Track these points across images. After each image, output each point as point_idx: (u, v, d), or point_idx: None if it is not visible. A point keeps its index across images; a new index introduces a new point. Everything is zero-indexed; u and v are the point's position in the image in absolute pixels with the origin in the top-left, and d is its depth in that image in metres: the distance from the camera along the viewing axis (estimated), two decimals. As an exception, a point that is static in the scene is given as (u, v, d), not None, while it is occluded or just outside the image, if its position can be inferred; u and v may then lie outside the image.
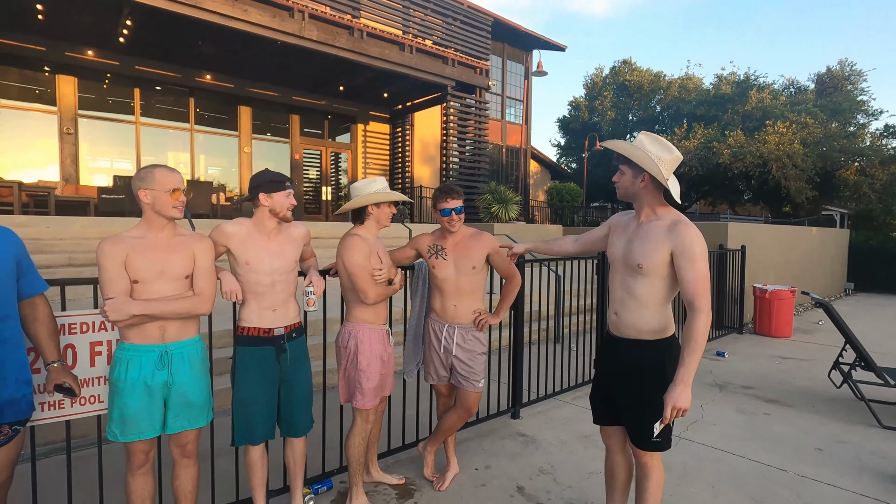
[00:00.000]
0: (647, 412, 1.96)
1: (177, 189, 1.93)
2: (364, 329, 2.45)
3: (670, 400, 1.81)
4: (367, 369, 2.43)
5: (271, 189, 2.17)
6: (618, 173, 2.04)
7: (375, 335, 2.48)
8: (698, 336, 1.80)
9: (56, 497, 2.43)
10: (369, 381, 2.43)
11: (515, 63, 17.24)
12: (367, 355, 2.43)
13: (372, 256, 2.43)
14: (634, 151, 1.94)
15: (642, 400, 1.99)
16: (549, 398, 4.26)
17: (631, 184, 1.99)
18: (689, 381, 1.81)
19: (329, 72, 10.62)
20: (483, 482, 2.87)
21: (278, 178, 2.20)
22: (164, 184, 1.91)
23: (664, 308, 1.99)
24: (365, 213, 2.47)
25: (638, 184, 1.97)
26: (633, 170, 1.97)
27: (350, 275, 2.39)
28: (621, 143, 1.97)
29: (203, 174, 11.48)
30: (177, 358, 1.97)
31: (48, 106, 9.41)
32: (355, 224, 2.52)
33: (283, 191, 2.18)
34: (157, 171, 1.92)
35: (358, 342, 2.43)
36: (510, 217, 11.17)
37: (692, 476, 2.96)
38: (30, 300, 1.81)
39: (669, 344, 2.01)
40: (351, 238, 2.42)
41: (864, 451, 3.33)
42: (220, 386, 3.41)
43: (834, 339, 6.62)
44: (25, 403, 1.76)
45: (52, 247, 6.22)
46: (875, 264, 12.47)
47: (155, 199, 1.90)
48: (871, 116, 16.94)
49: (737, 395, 4.48)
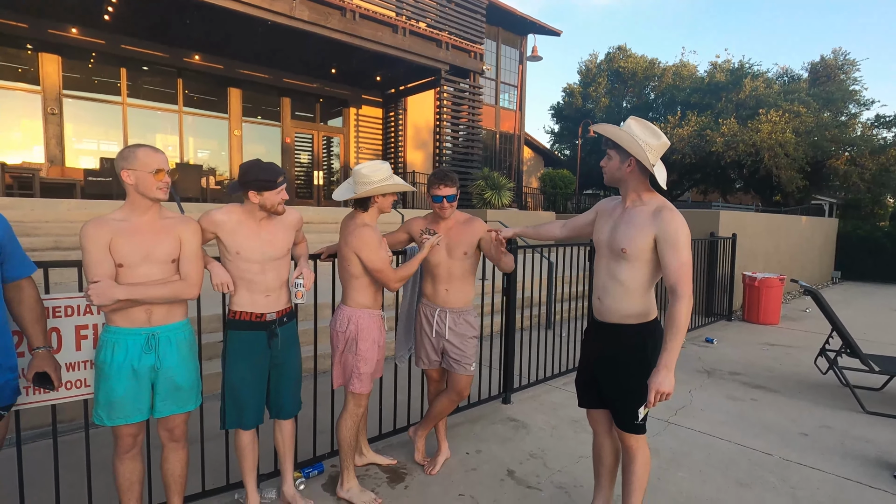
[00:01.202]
0: (631, 396, 1.99)
1: (160, 170, 1.87)
2: (364, 314, 2.43)
3: (654, 385, 1.82)
4: (367, 355, 2.41)
5: (261, 188, 2.08)
6: (605, 158, 2.03)
7: (374, 321, 2.45)
8: (680, 322, 1.81)
9: (43, 481, 2.40)
10: (367, 367, 2.42)
11: (510, 48, 17.06)
12: (367, 341, 2.41)
13: (383, 244, 2.41)
14: (622, 136, 1.92)
15: (626, 384, 2.02)
16: (540, 383, 4.29)
17: (617, 168, 1.98)
18: (672, 366, 1.83)
19: (321, 54, 10.43)
20: (474, 466, 2.89)
21: (269, 177, 2.07)
22: (147, 164, 1.85)
23: (647, 293, 2.01)
24: (370, 200, 2.41)
25: (624, 168, 1.96)
26: (620, 154, 1.96)
27: (371, 269, 2.35)
28: (610, 127, 1.96)
29: (192, 157, 11.30)
30: (164, 341, 1.93)
31: (31, 85, 9.17)
32: (357, 209, 2.44)
33: (273, 189, 2.09)
34: (140, 150, 1.86)
35: (359, 327, 2.41)
36: (503, 203, 11.14)
37: (680, 461, 3.00)
38: (15, 283, 1.75)
39: (652, 328, 2.02)
40: (364, 229, 2.35)
41: (848, 436, 3.39)
42: (209, 370, 3.38)
43: (820, 327, 6.72)
44: (10, 389, 1.72)
45: (37, 229, 6.10)
46: (862, 253, 12.63)
47: (138, 179, 1.84)
48: (863, 106, 17.05)
49: (725, 381, 4.54)
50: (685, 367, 4.92)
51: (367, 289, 2.43)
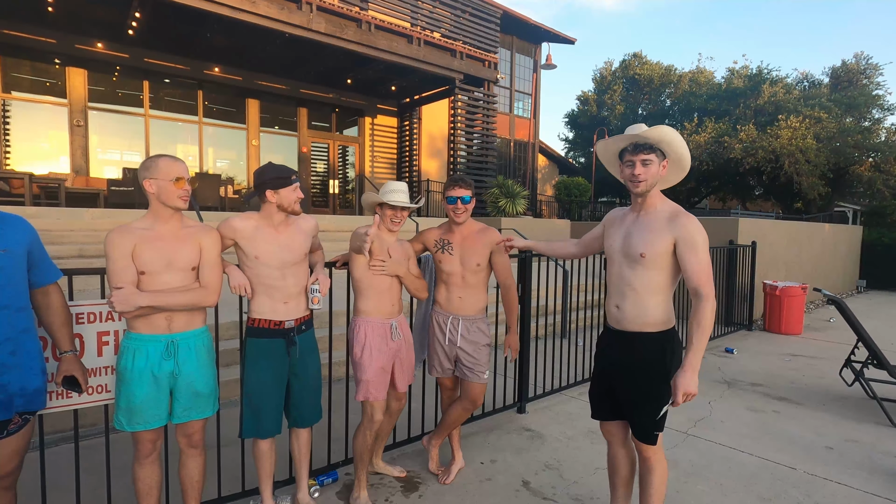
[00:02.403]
0: (651, 406, 1.96)
1: (181, 178, 1.92)
2: (361, 321, 2.46)
3: (681, 386, 1.81)
4: (361, 361, 2.42)
5: (277, 185, 2.15)
6: (640, 164, 1.92)
7: (372, 327, 2.44)
8: (706, 322, 1.82)
9: (65, 485, 2.45)
10: (364, 373, 2.41)
11: (524, 56, 17.10)
12: (361, 345, 2.43)
13: (381, 252, 2.42)
14: (677, 138, 1.92)
15: (646, 394, 1.98)
16: (555, 393, 4.24)
17: (656, 173, 1.94)
18: (698, 367, 1.84)
19: (337, 64, 10.59)
20: (488, 476, 2.86)
21: (283, 174, 2.16)
22: (168, 173, 1.90)
23: (666, 300, 1.98)
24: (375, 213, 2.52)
25: (660, 172, 1.96)
26: (659, 158, 1.94)
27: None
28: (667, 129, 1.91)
29: (211, 167, 11.52)
30: (183, 348, 1.97)
31: (59, 98, 9.47)
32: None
33: (289, 186, 2.16)
34: (161, 160, 1.92)
35: (355, 333, 2.45)
36: (518, 211, 11.11)
37: (701, 474, 2.93)
38: (43, 289, 1.81)
39: (671, 336, 1.99)
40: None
41: (875, 451, 3.28)
42: (227, 377, 3.42)
43: (845, 337, 6.53)
44: (41, 394, 1.78)
45: (63, 238, 6.27)
46: (888, 262, 12.27)
47: (160, 188, 1.90)
48: (887, 111, 16.66)
49: (746, 392, 4.44)
50: (704, 378, 4.82)
51: (364, 295, 2.46)
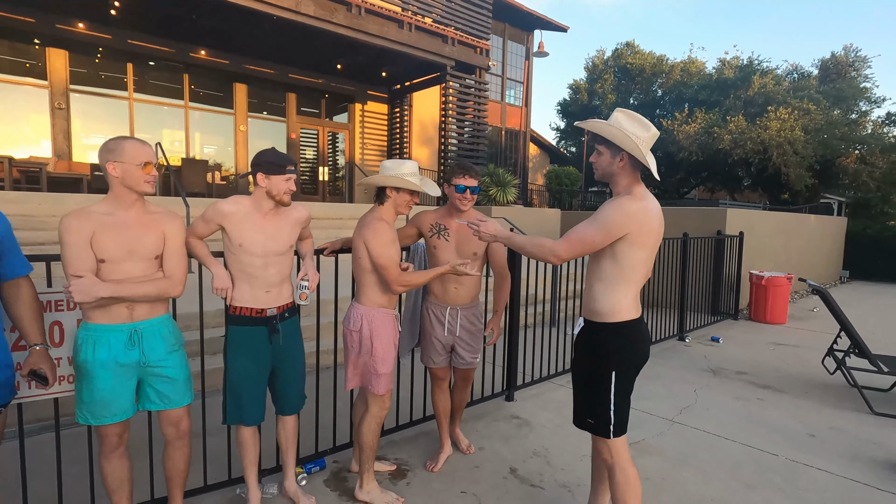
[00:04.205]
0: (580, 393, 2.02)
1: (148, 163, 1.84)
2: (378, 313, 2.35)
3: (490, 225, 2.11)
4: (384, 355, 2.33)
5: (270, 171, 2.08)
6: (595, 153, 1.97)
7: (389, 320, 2.38)
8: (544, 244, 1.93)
9: (48, 473, 2.41)
10: (385, 367, 2.34)
11: (516, 43, 16.95)
12: (382, 340, 2.33)
13: (396, 243, 2.32)
14: (611, 130, 1.86)
15: (576, 381, 2.06)
16: (543, 381, 4.27)
17: (609, 164, 1.92)
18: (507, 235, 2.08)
19: (326, 49, 10.41)
20: (476, 464, 2.88)
21: (280, 161, 2.09)
22: (135, 157, 1.81)
23: (611, 287, 1.90)
24: (385, 195, 2.35)
25: (616, 164, 1.90)
26: (610, 150, 1.90)
27: (377, 264, 2.26)
28: (596, 123, 1.89)
29: (198, 153, 11.32)
30: (147, 336, 1.89)
31: (39, 80, 9.20)
32: (376, 204, 2.39)
33: (282, 174, 2.09)
34: (128, 143, 1.84)
35: (373, 327, 2.33)
36: (508, 200, 11.09)
37: (686, 461, 2.97)
38: (14, 281, 1.71)
39: (614, 330, 1.90)
40: (377, 223, 2.28)
41: (856, 438, 3.35)
42: (212, 366, 3.39)
43: (828, 327, 6.65)
44: (7, 387, 1.70)
45: (45, 224, 6.13)
46: (871, 253, 12.49)
47: (125, 172, 1.80)
48: (874, 104, 16.81)
49: (731, 380, 4.50)
50: (690, 367, 4.88)
51: (381, 286, 2.33)
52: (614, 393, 1.90)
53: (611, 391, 1.90)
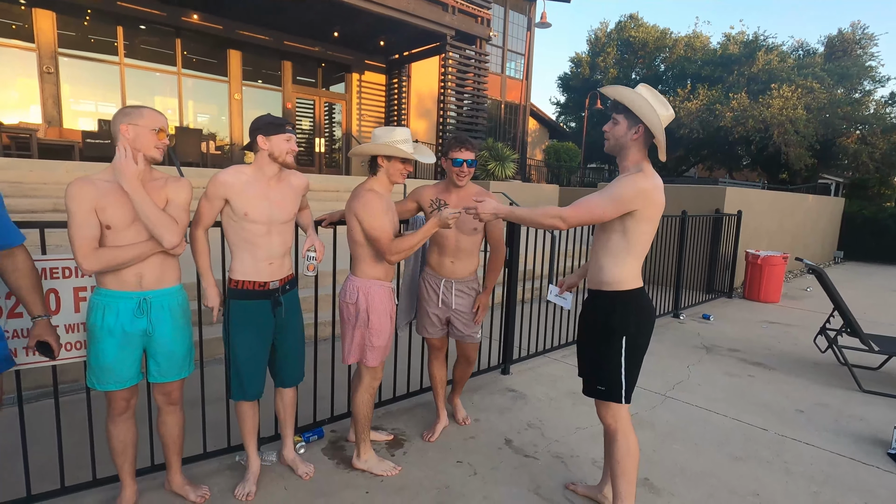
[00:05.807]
0: (588, 364, 2.08)
1: (162, 130, 1.85)
2: (374, 286, 2.32)
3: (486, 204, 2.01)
4: (380, 328, 2.33)
5: (270, 132, 2.06)
6: (610, 122, 1.95)
7: (385, 292, 2.36)
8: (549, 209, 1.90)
9: (48, 439, 2.43)
10: (380, 339, 2.34)
11: (518, 14, 16.54)
12: (378, 313, 2.32)
13: (389, 213, 2.29)
14: (637, 100, 1.85)
15: (586, 350, 2.11)
16: (539, 355, 4.32)
17: (623, 134, 1.91)
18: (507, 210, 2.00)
19: (323, 15, 10.11)
20: (472, 435, 2.93)
21: (278, 122, 2.08)
22: (151, 122, 1.83)
23: (619, 260, 1.95)
24: (377, 164, 2.30)
25: (630, 135, 1.90)
26: (629, 120, 1.89)
27: (369, 237, 2.23)
28: (623, 90, 1.88)
29: (192, 121, 11.12)
30: (156, 307, 1.91)
31: (26, 42, 8.93)
32: (370, 176, 2.35)
33: (282, 134, 2.07)
34: (146, 109, 1.86)
35: (369, 300, 2.31)
36: (507, 175, 11.01)
37: (676, 434, 3.03)
38: (7, 251, 1.69)
39: (621, 298, 1.96)
40: (366, 194, 2.23)
41: (843, 414, 3.42)
42: (210, 335, 3.39)
43: (821, 306, 6.73)
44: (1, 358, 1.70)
45: (37, 191, 6.05)
46: (866, 234, 12.55)
47: (138, 135, 1.80)
48: (878, 83, 16.61)
49: (723, 357, 4.56)
50: (684, 343, 4.94)
51: (376, 258, 2.31)
52: (625, 357, 1.96)
53: (621, 355, 1.96)
